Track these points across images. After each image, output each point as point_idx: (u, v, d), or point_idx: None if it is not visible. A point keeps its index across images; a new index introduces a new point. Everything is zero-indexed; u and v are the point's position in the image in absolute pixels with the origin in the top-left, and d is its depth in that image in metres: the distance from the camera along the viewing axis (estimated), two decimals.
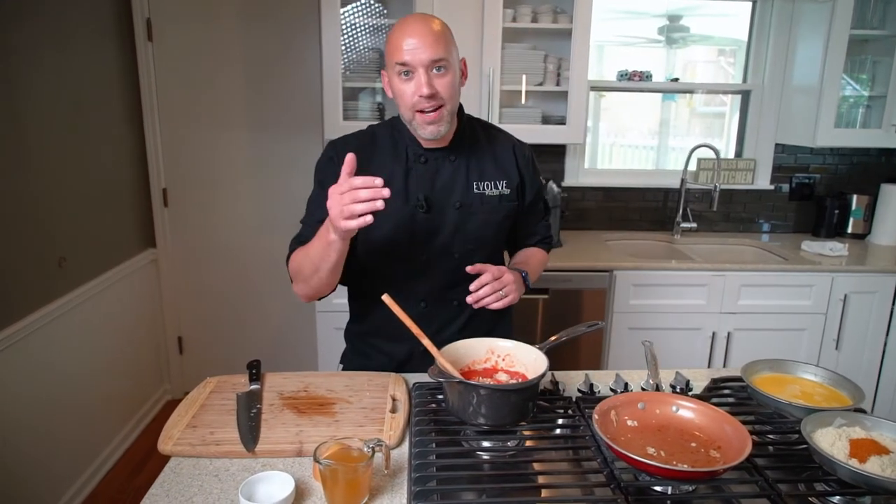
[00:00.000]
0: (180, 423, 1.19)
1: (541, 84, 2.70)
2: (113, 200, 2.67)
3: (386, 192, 1.09)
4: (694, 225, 3.02)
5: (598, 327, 1.31)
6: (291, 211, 3.03)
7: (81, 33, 2.42)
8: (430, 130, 1.31)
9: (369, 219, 1.10)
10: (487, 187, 1.42)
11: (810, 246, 2.79)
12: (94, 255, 2.51)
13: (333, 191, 1.13)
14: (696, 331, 2.58)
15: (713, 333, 2.58)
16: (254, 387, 1.33)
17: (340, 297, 2.47)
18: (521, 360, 1.24)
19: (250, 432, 1.16)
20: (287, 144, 2.99)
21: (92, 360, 2.48)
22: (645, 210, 3.12)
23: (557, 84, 2.71)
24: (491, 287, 1.31)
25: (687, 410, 1.13)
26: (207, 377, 1.40)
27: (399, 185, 1.38)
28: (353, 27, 2.66)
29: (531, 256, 1.55)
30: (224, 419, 1.21)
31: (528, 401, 1.14)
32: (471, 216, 1.41)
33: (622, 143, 3.31)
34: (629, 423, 1.12)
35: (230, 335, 3.15)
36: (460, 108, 1.43)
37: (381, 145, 1.42)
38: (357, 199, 1.09)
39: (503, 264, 1.52)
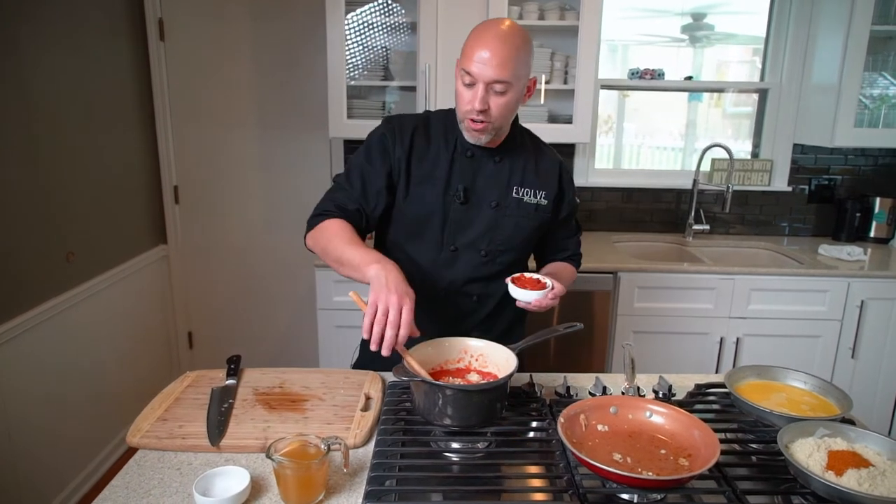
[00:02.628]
0: (151, 416, 1.20)
1: (548, 82, 2.66)
2: (124, 197, 2.72)
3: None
4: (707, 227, 2.94)
5: (576, 328, 1.28)
6: (299, 209, 3.05)
7: (94, 33, 2.47)
8: (472, 136, 1.35)
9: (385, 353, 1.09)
10: (526, 194, 1.44)
11: (828, 250, 2.69)
12: (104, 250, 2.56)
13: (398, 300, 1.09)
14: (704, 335, 2.51)
15: (721, 339, 2.50)
16: (230, 382, 1.33)
17: (340, 296, 2.50)
18: (493, 360, 1.22)
19: (218, 427, 1.16)
20: (296, 143, 3.01)
21: (102, 353, 2.52)
22: (657, 211, 3.05)
23: (565, 82, 2.67)
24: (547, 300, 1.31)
25: (660, 416, 1.09)
26: (187, 371, 1.41)
27: (443, 172, 1.41)
28: (367, 25, 2.66)
29: (562, 271, 1.54)
30: (195, 413, 1.21)
31: (496, 402, 1.12)
32: (505, 218, 1.43)
33: (650, 145, 3.26)
34: (599, 427, 1.09)
35: (239, 331, 3.19)
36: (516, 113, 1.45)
37: (434, 131, 1.44)
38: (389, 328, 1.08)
39: (526, 270, 1.52)
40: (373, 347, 1.08)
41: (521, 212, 1.43)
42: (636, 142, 3.26)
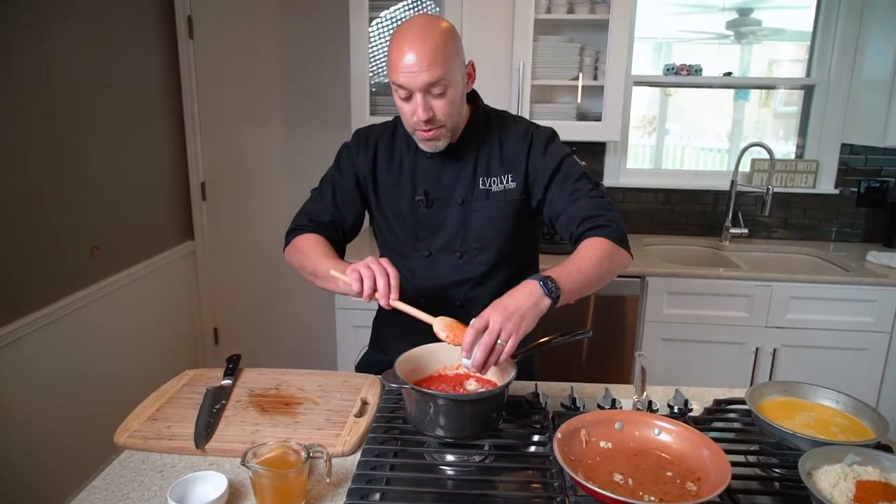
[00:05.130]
0: (142, 415, 1.18)
1: (576, 79, 2.56)
2: (151, 192, 2.75)
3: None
4: (745, 231, 2.78)
5: (586, 335, 1.20)
6: None
7: (124, 30, 2.50)
8: (427, 146, 1.30)
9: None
10: (494, 183, 1.36)
11: (877, 257, 2.51)
12: (130, 245, 2.59)
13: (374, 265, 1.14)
14: (738, 345, 2.37)
15: (757, 349, 2.36)
16: (225, 382, 1.30)
17: None
18: (493, 367, 1.15)
19: (206, 429, 1.12)
20: (321, 140, 2.98)
21: (126, 347, 2.55)
22: (693, 214, 2.91)
23: (595, 78, 2.57)
24: (484, 347, 1.00)
25: (669, 434, 1.01)
26: (186, 369, 1.39)
27: (407, 178, 1.38)
28: (396, 22, 2.62)
29: (576, 253, 1.20)
30: (186, 413, 1.18)
31: (492, 412, 1.05)
32: (473, 213, 1.36)
33: (694, 146, 3.13)
34: (602, 444, 1.01)
35: (263, 328, 3.19)
36: (477, 97, 1.41)
37: (399, 137, 1.41)
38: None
39: (518, 269, 1.44)
40: (366, 300, 1.13)
41: (491, 203, 1.35)
42: (680, 142, 3.13)
